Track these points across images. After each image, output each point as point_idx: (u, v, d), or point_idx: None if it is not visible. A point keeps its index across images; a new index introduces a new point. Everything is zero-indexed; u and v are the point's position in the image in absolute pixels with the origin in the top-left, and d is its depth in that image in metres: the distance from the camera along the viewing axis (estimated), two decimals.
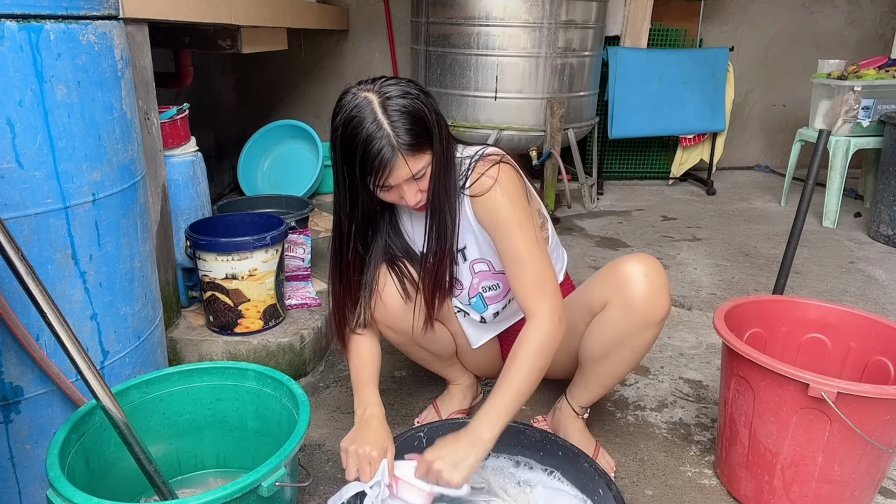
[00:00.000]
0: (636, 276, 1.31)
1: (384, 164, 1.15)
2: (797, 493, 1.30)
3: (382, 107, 1.15)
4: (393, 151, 1.15)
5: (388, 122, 1.15)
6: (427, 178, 1.23)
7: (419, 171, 1.19)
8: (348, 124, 1.16)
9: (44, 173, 1.06)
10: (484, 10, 3.08)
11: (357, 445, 1.18)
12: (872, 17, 4.42)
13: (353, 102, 1.17)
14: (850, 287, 2.60)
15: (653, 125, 3.85)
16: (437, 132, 1.21)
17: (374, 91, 1.17)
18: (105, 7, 1.18)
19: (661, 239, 3.15)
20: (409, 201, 1.23)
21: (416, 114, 1.17)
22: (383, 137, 1.14)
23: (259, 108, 4.11)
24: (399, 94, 1.17)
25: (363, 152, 1.15)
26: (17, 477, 1.14)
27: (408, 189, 1.21)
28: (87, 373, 0.98)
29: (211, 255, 1.73)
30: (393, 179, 1.18)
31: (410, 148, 1.16)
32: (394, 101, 1.16)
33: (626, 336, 1.34)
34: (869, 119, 3.29)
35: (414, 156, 1.17)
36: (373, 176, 1.17)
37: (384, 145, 1.14)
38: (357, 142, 1.15)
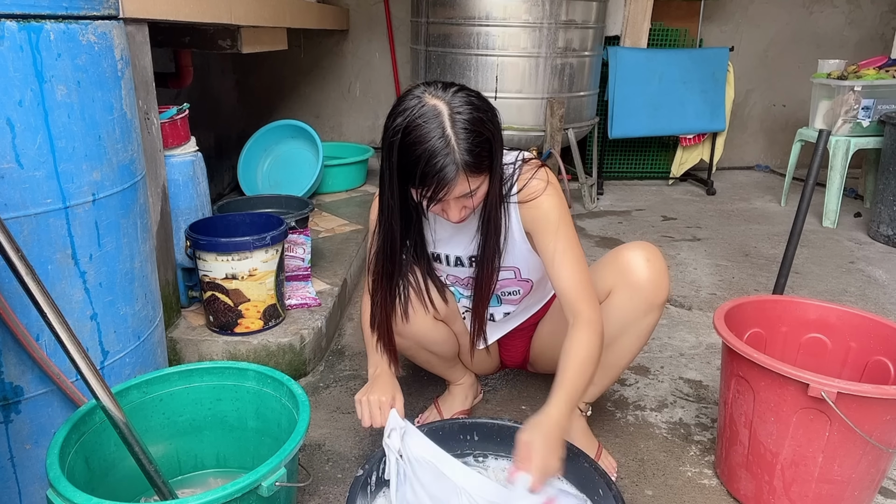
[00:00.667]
0: (639, 261, 1.35)
1: (445, 181, 1.11)
2: (797, 493, 1.30)
3: (451, 120, 1.11)
4: (456, 170, 1.11)
5: (454, 138, 1.10)
6: (479, 196, 1.20)
7: (474, 189, 1.16)
8: (412, 131, 1.11)
9: (44, 173, 1.06)
10: (484, 10, 3.08)
11: (368, 394, 1.28)
12: (872, 17, 4.42)
13: (420, 109, 1.12)
14: (850, 287, 2.60)
15: (653, 125, 3.85)
16: (498, 149, 1.19)
17: (443, 101, 1.12)
18: (105, 7, 1.18)
19: (661, 239, 3.15)
20: (451, 217, 1.21)
21: (482, 133, 1.13)
22: (449, 154, 1.10)
23: (259, 108, 4.11)
24: (469, 110, 1.13)
25: (425, 165, 1.10)
26: (17, 477, 1.14)
27: (454, 205, 1.19)
28: (87, 373, 0.98)
29: (211, 255, 1.73)
30: (448, 196, 1.15)
31: (472, 168, 1.12)
32: (463, 116, 1.12)
33: (631, 321, 1.38)
34: (869, 119, 3.29)
35: (474, 175, 1.14)
36: (428, 189, 1.13)
37: (448, 163, 1.10)
38: (419, 153, 1.10)
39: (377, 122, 4.48)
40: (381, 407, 1.26)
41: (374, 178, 3.69)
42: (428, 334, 1.47)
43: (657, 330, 2.17)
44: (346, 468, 1.48)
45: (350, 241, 2.63)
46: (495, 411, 1.71)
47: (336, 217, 2.98)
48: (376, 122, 4.48)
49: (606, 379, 1.47)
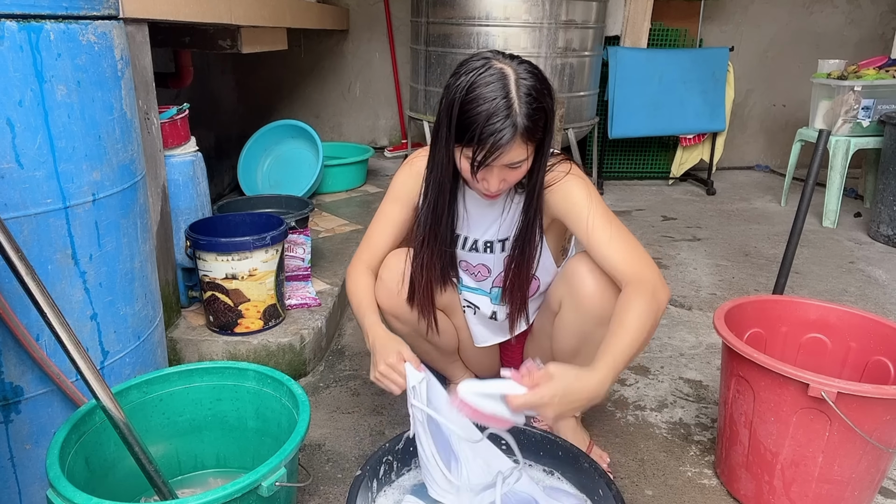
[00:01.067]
0: (583, 273, 1.30)
1: (499, 144, 1.11)
2: (797, 493, 1.30)
3: (516, 85, 1.12)
4: (514, 134, 1.11)
5: (518, 104, 1.11)
6: (522, 171, 1.20)
7: (521, 160, 1.16)
8: (475, 89, 1.12)
9: (44, 173, 1.06)
10: (484, 10, 3.08)
11: (377, 367, 1.19)
12: (872, 17, 4.42)
13: (486, 70, 1.13)
14: (850, 287, 2.60)
15: (653, 125, 3.85)
16: (552, 127, 1.19)
17: (510, 67, 1.13)
18: (105, 7, 1.18)
19: (661, 239, 3.15)
20: (491, 186, 1.20)
21: (542, 102, 1.14)
22: (510, 117, 1.10)
23: (259, 108, 4.11)
24: (533, 79, 1.13)
25: (484, 124, 1.10)
26: (17, 477, 1.14)
27: (498, 174, 1.18)
28: (87, 373, 0.98)
29: (211, 255, 1.73)
30: (498, 161, 1.14)
31: (528, 135, 1.13)
32: (527, 83, 1.13)
33: (586, 334, 1.34)
34: (869, 119, 3.28)
35: (525, 144, 1.14)
36: (482, 150, 1.12)
37: (507, 126, 1.10)
38: (480, 111, 1.10)
39: (377, 122, 4.48)
40: (395, 369, 1.18)
41: (374, 178, 3.70)
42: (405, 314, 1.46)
43: (657, 329, 2.17)
44: (346, 468, 1.48)
45: (350, 241, 2.63)
46: None
47: (336, 217, 2.98)
48: (376, 123, 4.48)
49: None
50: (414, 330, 1.49)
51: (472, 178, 1.21)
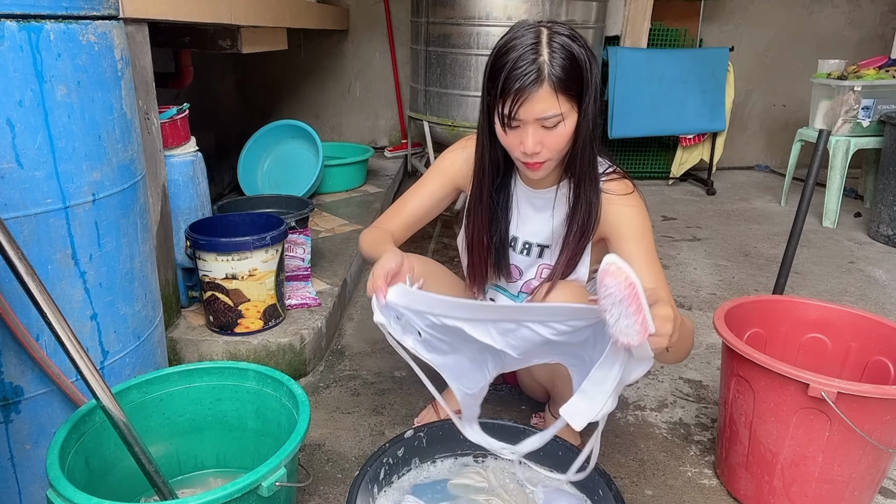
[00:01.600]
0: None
1: (525, 88, 1.10)
2: (797, 493, 1.30)
3: (549, 38, 1.12)
4: (539, 77, 1.10)
5: (548, 51, 1.11)
6: (560, 134, 1.17)
7: (555, 115, 1.13)
8: (508, 43, 1.13)
9: (44, 173, 1.06)
10: (484, 9, 3.08)
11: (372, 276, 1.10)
12: (872, 17, 4.42)
13: (523, 28, 1.15)
14: (850, 287, 2.60)
15: (653, 125, 3.85)
16: (591, 94, 1.16)
17: (546, 26, 1.15)
18: (105, 7, 1.18)
19: (661, 239, 3.15)
20: (527, 146, 1.16)
21: (577, 57, 1.13)
22: (536, 61, 1.10)
23: (259, 108, 4.11)
24: (569, 36, 1.14)
25: (511, 67, 1.10)
26: (17, 477, 1.14)
27: (533, 132, 1.15)
28: (87, 373, 0.98)
29: (211, 255, 1.73)
30: (525, 111, 1.12)
31: (558, 83, 1.11)
32: (562, 38, 1.13)
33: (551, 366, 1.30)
34: (869, 119, 3.28)
35: (556, 94, 1.12)
36: (509, 99, 1.11)
37: (533, 69, 1.10)
38: (509, 57, 1.11)
39: (377, 122, 4.48)
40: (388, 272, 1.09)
41: (374, 178, 3.69)
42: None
43: None
44: (346, 468, 1.48)
45: (350, 240, 2.63)
46: (495, 411, 1.71)
47: (336, 217, 2.98)
48: (376, 122, 4.48)
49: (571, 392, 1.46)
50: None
51: (510, 145, 1.19)
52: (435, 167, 1.40)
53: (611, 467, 1.50)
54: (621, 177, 1.30)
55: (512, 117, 1.14)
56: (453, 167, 1.38)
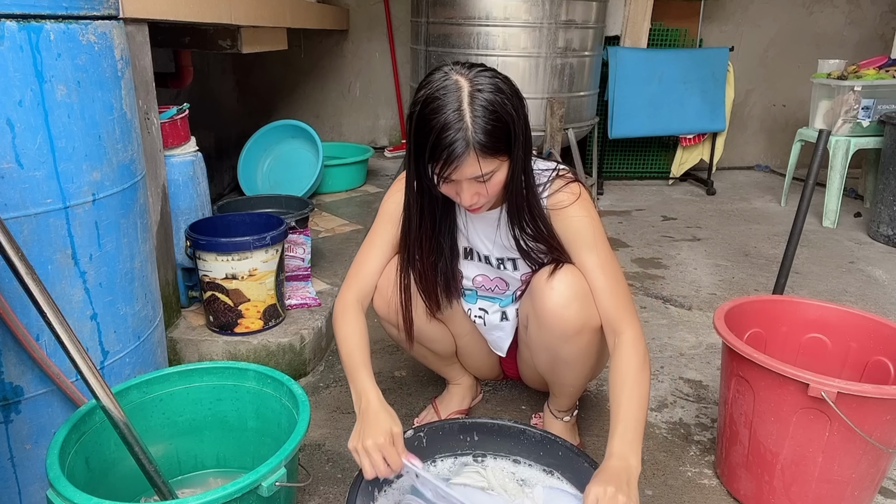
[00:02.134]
0: (544, 289, 1.28)
1: (453, 157, 1.10)
2: (797, 493, 1.30)
3: (470, 97, 1.10)
4: (466, 147, 1.09)
5: (470, 114, 1.09)
6: (494, 184, 1.17)
7: (487, 174, 1.14)
8: (429, 103, 1.11)
9: (44, 173, 1.06)
10: (484, 10, 3.08)
11: (362, 440, 1.10)
12: (872, 17, 4.42)
13: (442, 83, 1.11)
14: (850, 287, 2.60)
15: (653, 125, 3.85)
16: (520, 140, 1.16)
17: (466, 77, 1.12)
18: (105, 7, 1.18)
19: (661, 239, 3.15)
20: (463, 200, 1.18)
21: (501, 116, 1.11)
22: (460, 130, 1.09)
23: (259, 108, 4.11)
24: (491, 90, 1.11)
25: (436, 138, 1.10)
26: (17, 477, 1.14)
27: (468, 188, 1.16)
28: (87, 373, 0.98)
29: (211, 255, 1.73)
30: (457, 175, 1.13)
31: (485, 149, 1.10)
32: (484, 94, 1.10)
33: (552, 349, 1.33)
34: (869, 119, 3.28)
35: (486, 157, 1.11)
36: (438, 165, 1.12)
37: (458, 138, 1.09)
38: (433, 125, 1.10)
39: (377, 122, 4.48)
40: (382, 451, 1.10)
41: (374, 178, 3.69)
42: (422, 329, 1.46)
43: (657, 330, 2.17)
44: (346, 468, 1.48)
45: (350, 241, 2.63)
46: (495, 411, 1.71)
47: (336, 217, 2.98)
48: (376, 123, 4.48)
49: (566, 396, 1.46)
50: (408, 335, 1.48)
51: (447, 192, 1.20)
52: (382, 215, 1.38)
53: None
54: (566, 183, 1.29)
55: (445, 178, 1.14)
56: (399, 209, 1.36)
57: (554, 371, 1.39)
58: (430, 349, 1.54)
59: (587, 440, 1.59)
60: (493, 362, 1.64)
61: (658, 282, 2.60)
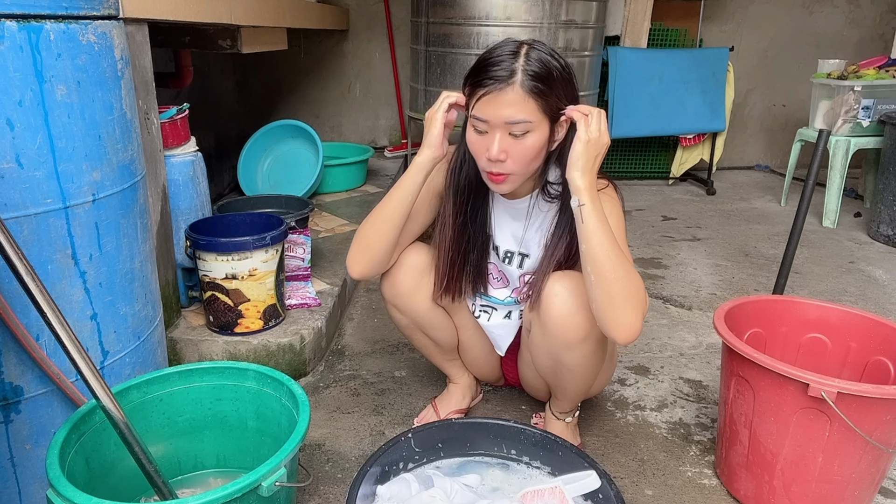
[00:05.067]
0: (549, 297, 1.27)
1: (495, 83, 1.14)
2: (797, 493, 1.30)
3: (527, 50, 1.16)
4: (510, 78, 1.13)
5: (524, 59, 1.15)
6: (526, 146, 1.18)
7: (523, 120, 1.15)
8: (489, 52, 1.18)
9: (44, 173, 1.06)
10: (484, 10, 3.08)
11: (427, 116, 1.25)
12: (872, 17, 4.42)
13: (507, 41, 1.20)
14: (850, 287, 2.60)
15: (653, 125, 3.85)
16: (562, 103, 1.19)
17: (527, 42, 1.19)
18: (105, 7, 1.18)
19: (661, 239, 3.15)
20: (492, 151, 1.18)
21: (551, 72, 1.16)
22: (510, 66, 1.14)
23: (259, 108, 4.11)
24: (548, 53, 1.18)
25: (483, 64, 1.16)
26: (17, 477, 1.14)
27: (500, 138, 1.17)
28: (87, 373, 0.98)
29: (211, 255, 1.73)
30: (492, 110, 1.15)
31: (530, 90, 1.14)
32: (540, 52, 1.17)
33: (555, 356, 1.33)
34: (869, 119, 3.28)
35: (525, 101, 1.14)
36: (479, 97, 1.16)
37: (505, 71, 1.13)
38: (484, 60, 1.17)
39: (377, 122, 4.48)
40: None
41: (374, 178, 3.69)
42: (425, 314, 1.46)
43: (657, 330, 2.17)
44: (346, 468, 1.48)
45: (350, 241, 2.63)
46: (495, 411, 1.71)
47: (336, 217, 2.98)
48: (376, 122, 4.48)
49: (568, 400, 1.46)
50: (413, 322, 1.49)
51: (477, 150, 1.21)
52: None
53: (611, 467, 1.50)
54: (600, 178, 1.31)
55: (478, 118, 1.17)
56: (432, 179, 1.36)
57: (556, 376, 1.39)
58: (431, 338, 1.53)
59: (587, 440, 1.59)
60: (493, 362, 1.64)
61: (658, 282, 2.60)
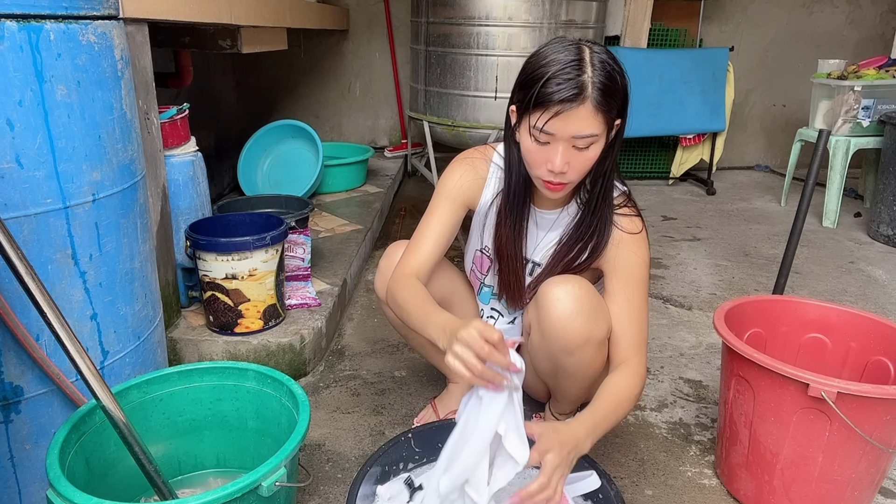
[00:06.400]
0: (550, 301, 1.26)
1: (565, 101, 1.05)
2: (797, 493, 1.30)
3: (591, 55, 1.08)
4: (581, 93, 1.05)
5: (591, 68, 1.06)
6: (587, 158, 1.13)
7: (591, 135, 1.09)
8: (546, 56, 1.08)
9: (44, 173, 1.06)
10: (484, 10, 3.08)
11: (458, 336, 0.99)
12: (872, 17, 4.42)
13: (562, 44, 1.10)
14: (850, 287, 2.60)
15: (653, 125, 3.85)
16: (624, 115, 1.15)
17: (586, 44, 1.10)
18: (105, 7, 1.18)
19: (661, 239, 3.15)
20: (555, 164, 1.11)
21: (617, 80, 1.09)
22: (580, 77, 1.05)
23: (259, 108, 4.11)
24: (610, 58, 1.10)
25: (549, 78, 1.05)
26: (17, 477, 1.14)
27: (563, 151, 1.10)
28: (87, 373, 0.98)
29: (211, 255, 1.73)
30: (560, 127, 1.07)
31: (600, 103, 1.06)
32: (603, 57, 1.09)
33: (555, 360, 1.32)
34: (869, 119, 3.28)
35: (595, 116, 1.07)
36: (545, 112, 1.06)
37: (574, 84, 1.04)
38: (549, 70, 1.06)
39: (377, 122, 4.48)
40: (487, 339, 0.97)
41: (374, 178, 3.69)
42: None
43: (657, 330, 2.17)
44: (346, 468, 1.48)
45: (350, 241, 2.63)
46: None
47: (336, 217, 2.98)
48: (376, 122, 4.48)
49: (568, 403, 1.47)
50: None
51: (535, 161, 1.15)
52: (441, 191, 1.35)
53: (611, 467, 1.50)
54: (634, 212, 1.29)
55: (544, 131, 1.10)
56: (462, 187, 1.34)
57: (555, 379, 1.39)
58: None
59: None
60: None
61: (658, 282, 2.60)
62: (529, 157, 1.17)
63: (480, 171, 1.35)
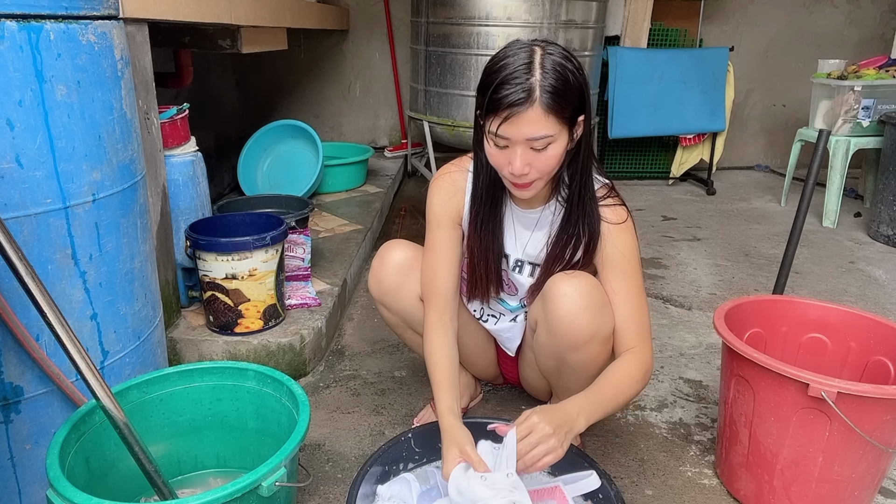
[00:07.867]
0: (557, 296, 1.26)
1: (514, 105, 1.08)
2: (797, 493, 1.30)
3: (542, 56, 1.11)
4: (529, 97, 1.08)
5: (540, 70, 1.09)
6: (548, 157, 1.15)
7: (544, 136, 1.11)
8: (500, 60, 1.12)
9: (44, 173, 1.06)
10: (484, 10, 3.08)
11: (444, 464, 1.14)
12: (872, 17, 4.42)
13: (517, 46, 1.13)
14: (850, 287, 2.60)
15: (653, 125, 3.85)
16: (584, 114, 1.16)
17: (540, 45, 1.13)
18: (105, 7, 1.18)
19: (661, 239, 3.15)
20: (514, 167, 1.14)
21: (570, 81, 1.11)
22: (527, 80, 1.08)
23: (259, 108, 4.11)
24: (563, 58, 1.12)
25: (499, 84, 1.09)
26: (17, 477, 1.14)
27: (522, 153, 1.13)
28: (87, 373, 0.98)
29: (211, 255, 1.73)
30: (513, 130, 1.11)
31: (549, 105, 1.09)
32: (555, 58, 1.11)
33: (560, 356, 1.33)
34: (869, 119, 3.28)
35: (547, 118, 1.10)
36: (498, 118, 1.10)
37: (522, 88, 1.08)
38: (500, 75, 1.10)
39: (377, 122, 4.48)
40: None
41: (374, 178, 3.69)
42: (414, 312, 1.45)
43: (657, 330, 2.17)
44: (346, 468, 1.48)
45: (350, 241, 2.63)
46: (495, 411, 1.71)
47: (336, 217, 2.98)
48: (376, 122, 4.48)
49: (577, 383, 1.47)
50: (403, 320, 1.48)
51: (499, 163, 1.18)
52: (431, 222, 1.38)
53: (611, 467, 1.50)
54: (617, 202, 1.31)
55: (499, 135, 1.13)
56: (446, 209, 1.36)
57: (559, 376, 1.39)
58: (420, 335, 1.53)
59: (587, 440, 1.59)
60: (490, 359, 1.64)
61: (658, 282, 2.60)
62: (492, 160, 1.20)
63: (459, 184, 1.37)
